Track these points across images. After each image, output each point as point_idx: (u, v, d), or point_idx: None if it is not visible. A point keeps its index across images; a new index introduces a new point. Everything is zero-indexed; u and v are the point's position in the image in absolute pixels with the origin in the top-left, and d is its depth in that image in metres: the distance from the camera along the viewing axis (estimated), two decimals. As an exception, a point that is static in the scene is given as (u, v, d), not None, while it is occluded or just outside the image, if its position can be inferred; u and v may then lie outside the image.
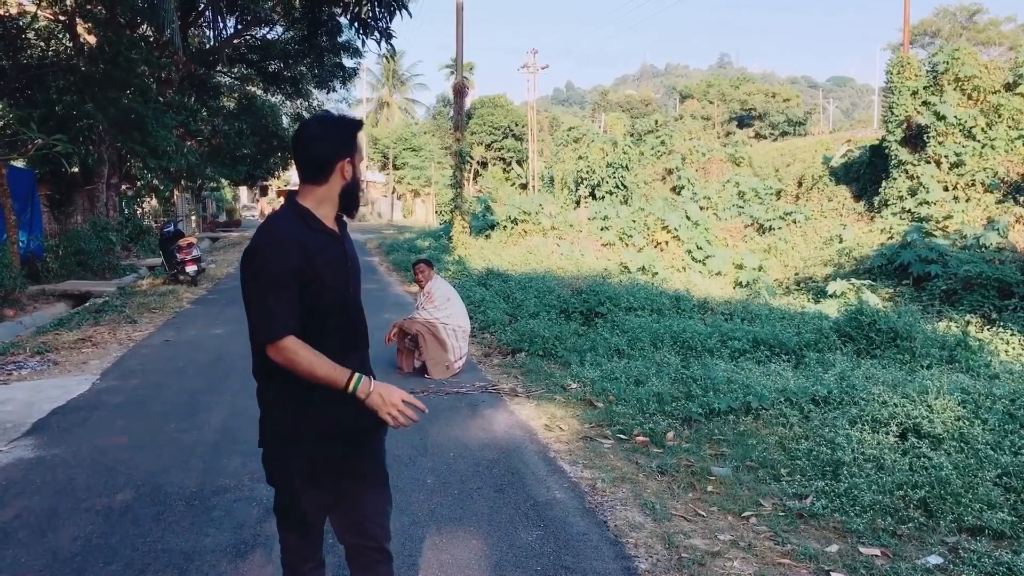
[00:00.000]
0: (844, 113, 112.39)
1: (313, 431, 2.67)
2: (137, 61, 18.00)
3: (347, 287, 2.74)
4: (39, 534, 4.43)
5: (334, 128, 2.68)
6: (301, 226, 2.63)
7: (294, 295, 2.55)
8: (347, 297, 2.75)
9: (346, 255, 2.77)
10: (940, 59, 23.93)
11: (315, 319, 2.63)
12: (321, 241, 2.64)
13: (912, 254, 18.09)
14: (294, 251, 2.55)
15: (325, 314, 2.65)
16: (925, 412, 5.88)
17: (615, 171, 32.13)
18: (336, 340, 2.70)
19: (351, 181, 2.71)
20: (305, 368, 2.53)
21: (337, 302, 2.70)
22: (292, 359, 2.53)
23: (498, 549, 4.26)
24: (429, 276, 9.24)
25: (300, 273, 2.55)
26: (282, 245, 2.56)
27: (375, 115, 79.78)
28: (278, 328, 2.52)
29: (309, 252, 2.57)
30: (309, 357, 2.54)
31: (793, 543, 4.28)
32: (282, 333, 2.53)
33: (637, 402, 7.02)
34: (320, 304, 2.63)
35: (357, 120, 2.72)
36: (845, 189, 27.59)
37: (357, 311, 2.85)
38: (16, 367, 9.16)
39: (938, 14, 69.15)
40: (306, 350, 2.54)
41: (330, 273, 2.65)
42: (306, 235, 2.60)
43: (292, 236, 2.59)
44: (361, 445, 2.82)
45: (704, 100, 74.50)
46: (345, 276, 2.74)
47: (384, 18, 20.82)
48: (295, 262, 2.55)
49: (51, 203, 21.49)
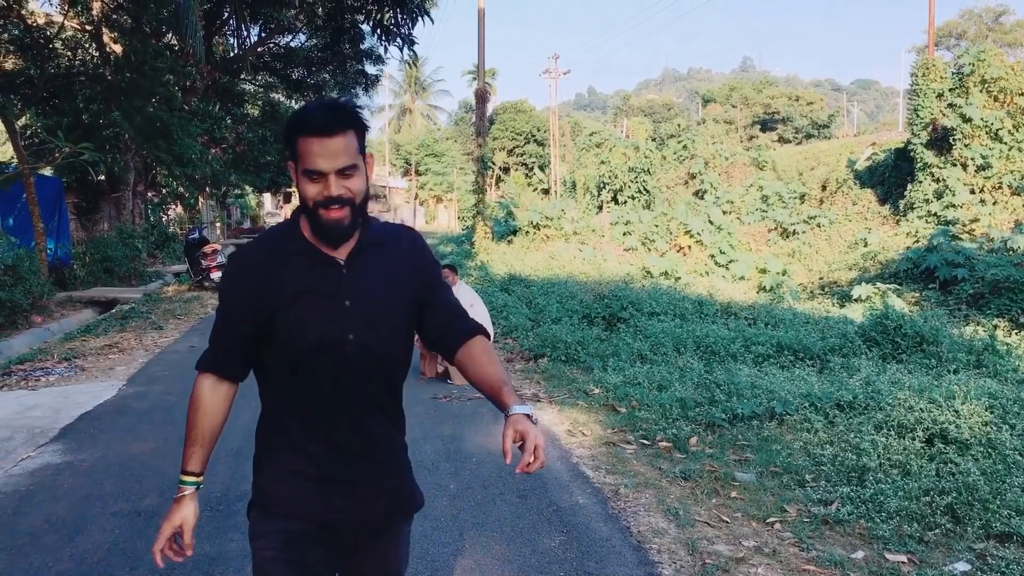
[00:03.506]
0: (869, 116, 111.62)
1: (297, 506, 2.10)
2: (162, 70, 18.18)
3: (340, 336, 2.03)
4: (66, 538, 4.48)
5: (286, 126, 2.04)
6: (277, 243, 2.10)
7: (237, 329, 2.08)
8: (342, 351, 2.03)
9: (343, 291, 2.05)
10: (966, 61, 23.67)
11: (293, 375, 2.07)
12: (297, 265, 2.04)
13: (938, 258, 17.89)
14: (248, 275, 2.06)
15: (305, 370, 2.05)
16: (952, 417, 5.81)
17: (637, 176, 32.06)
18: (321, 415, 2.08)
19: (302, 195, 2.00)
20: (187, 420, 2.13)
21: (323, 355, 2.03)
22: (189, 402, 2.13)
23: (520, 555, 4.26)
24: (453, 282, 9.26)
25: (254, 305, 2.04)
26: (237, 265, 2.12)
27: (397, 121, 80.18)
28: (202, 359, 2.15)
29: (272, 278, 2.03)
30: (195, 414, 2.11)
31: (818, 549, 4.24)
32: (200, 366, 2.15)
33: (660, 407, 7.00)
34: (293, 355, 2.03)
35: (298, 120, 1.96)
36: (870, 192, 27.34)
37: (362, 379, 2.08)
38: (44, 373, 9.27)
39: (964, 16, 68.50)
40: (203, 402, 2.11)
41: (308, 311, 2.02)
42: (276, 256, 2.06)
43: (253, 255, 2.11)
44: (366, 539, 2.22)
45: (727, 104, 74.14)
46: (339, 320, 2.03)
47: (406, 25, 20.96)
48: (246, 289, 2.05)
49: (78, 211, 21.82)
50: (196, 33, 16.63)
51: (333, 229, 2.00)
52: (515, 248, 25.97)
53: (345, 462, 2.10)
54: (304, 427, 2.09)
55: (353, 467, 2.11)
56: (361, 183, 2.00)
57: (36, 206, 14.47)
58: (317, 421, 2.08)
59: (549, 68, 49.03)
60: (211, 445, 2.15)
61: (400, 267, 2.18)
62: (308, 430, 2.09)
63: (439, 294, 2.27)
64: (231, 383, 2.16)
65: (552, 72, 48.95)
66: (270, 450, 2.15)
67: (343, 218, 1.98)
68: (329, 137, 1.92)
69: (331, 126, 1.92)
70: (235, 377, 2.16)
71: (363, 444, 2.12)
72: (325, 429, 2.08)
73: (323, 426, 2.08)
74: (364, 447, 2.13)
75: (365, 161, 2.04)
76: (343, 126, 1.94)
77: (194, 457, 2.12)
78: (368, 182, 2.07)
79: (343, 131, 1.94)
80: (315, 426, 2.08)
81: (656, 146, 36.65)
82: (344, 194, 1.95)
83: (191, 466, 2.12)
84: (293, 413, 2.10)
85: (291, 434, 2.10)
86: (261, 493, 2.13)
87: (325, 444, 2.09)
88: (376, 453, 2.15)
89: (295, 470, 2.09)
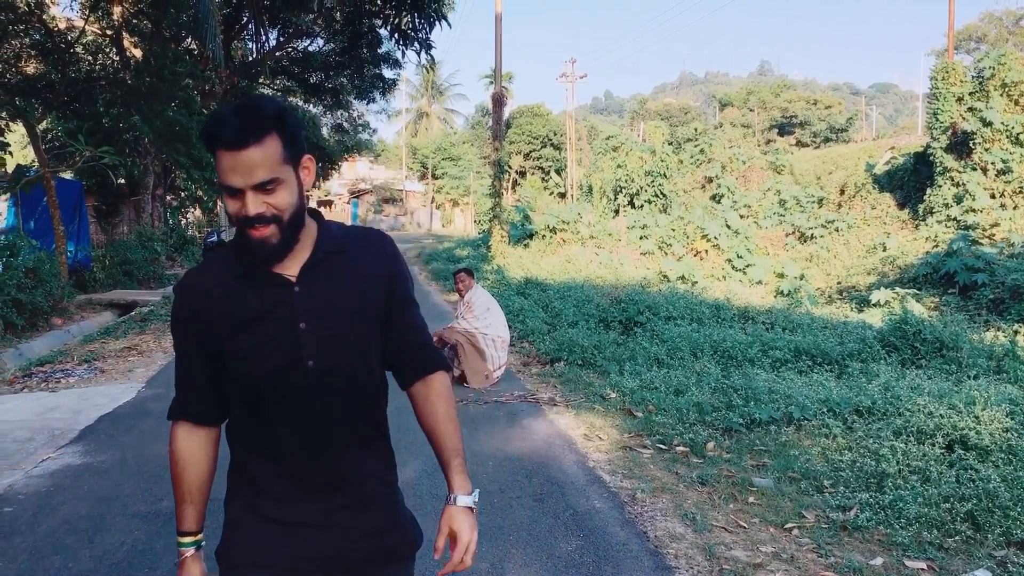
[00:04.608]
0: (887, 120, 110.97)
1: (263, 554, 1.86)
2: (182, 74, 18.32)
3: (298, 364, 1.78)
4: (86, 539, 4.51)
5: None
6: (221, 265, 1.85)
7: (196, 366, 1.86)
8: (301, 381, 1.79)
9: (297, 312, 1.79)
10: (986, 64, 23.51)
11: (251, 410, 1.84)
12: (243, 289, 1.80)
13: (958, 262, 17.76)
14: (193, 303, 1.84)
15: (263, 405, 1.82)
16: (972, 423, 5.76)
17: (654, 179, 32.03)
18: (286, 452, 1.84)
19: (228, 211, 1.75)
20: (171, 477, 1.90)
21: (280, 386, 1.79)
22: (169, 456, 1.90)
23: (537, 559, 4.25)
24: (469, 286, 9.28)
25: (205, 335, 1.82)
26: (182, 293, 1.87)
27: (414, 125, 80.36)
28: (172, 406, 1.92)
29: (219, 304, 1.80)
30: (176, 469, 1.88)
31: (837, 556, 4.22)
32: (170, 414, 1.92)
33: (677, 412, 6.98)
34: (247, 388, 1.82)
35: (207, 130, 1.68)
36: (889, 197, 27.20)
37: (328, 409, 1.83)
38: (64, 375, 9.34)
39: (984, 19, 67.96)
40: (180, 455, 1.88)
41: (258, 339, 1.78)
42: (221, 279, 1.82)
43: (197, 281, 1.86)
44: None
45: (744, 108, 73.93)
46: (295, 345, 1.78)
47: (424, 29, 20.99)
48: (195, 319, 1.83)
49: (98, 214, 21.99)
50: (215, 37, 16.75)
51: (258, 249, 1.74)
52: (531, 252, 25.97)
53: (317, 504, 1.85)
54: (269, 466, 1.85)
55: (326, 510, 1.85)
56: (288, 196, 1.72)
57: (57, 209, 14.60)
58: (283, 459, 1.84)
59: (566, 72, 49.13)
60: (203, 498, 1.92)
61: (367, 277, 1.89)
62: (274, 470, 1.85)
63: (407, 312, 1.98)
64: (209, 427, 1.92)
65: (569, 76, 49.01)
66: (234, 492, 1.92)
67: (268, 236, 1.72)
68: (240, 150, 1.65)
69: (242, 137, 1.64)
70: (210, 420, 1.91)
71: (337, 483, 1.86)
72: (292, 468, 1.84)
73: (290, 465, 1.84)
74: (339, 486, 1.86)
75: (299, 166, 1.77)
76: (258, 134, 1.66)
77: (187, 516, 1.90)
78: (303, 189, 1.78)
79: (258, 141, 1.66)
80: (281, 465, 1.84)
81: (673, 150, 36.61)
82: (265, 211, 1.69)
83: (186, 525, 1.90)
84: (257, 451, 1.86)
85: (255, 474, 1.86)
86: (224, 541, 1.90)
87: (294, 485, 1.84)
88: (353, 493, 1.88)
89: (260, 514, 1.85)
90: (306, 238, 1.82)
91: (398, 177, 72.35)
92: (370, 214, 67.80)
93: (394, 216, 68.66)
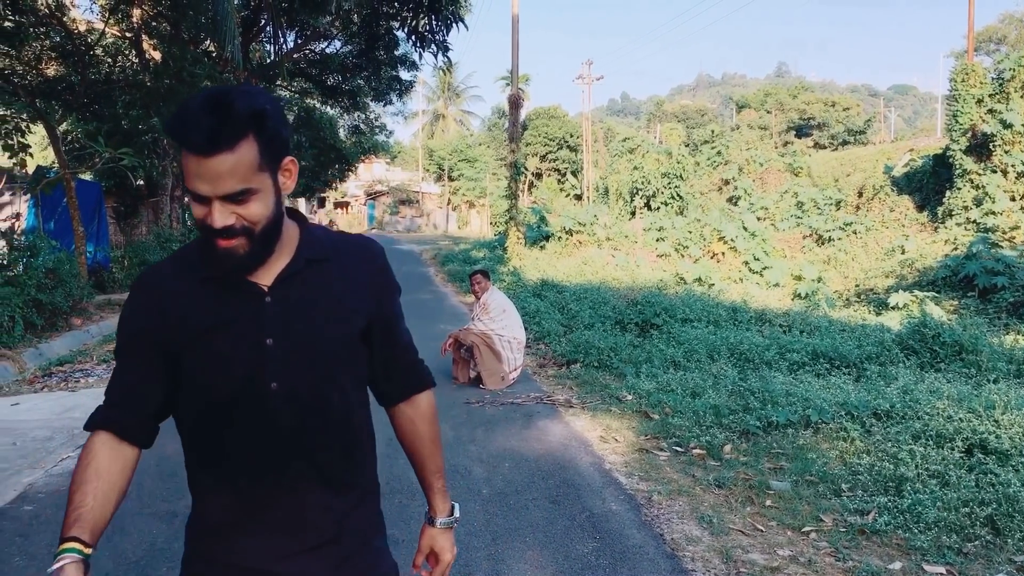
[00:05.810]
0: (906, 122, 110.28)
1: (208, 564, 1.66)
2: (201, 76, 18.39)
3: (260, 384, 1.58)
4: (105, 538, 4.49)
5: None
6: (187, 263, 1.64)
7: (139, 372, 1.65)
8: (262, 404, 1.58)
9: (265, 326, 1.59)
10: (1006, 66, 23.33)
11: (208, 436, 1.64)
12: (208, 293, 1.60)
13: (978, 265, 17.63)
14: (152, 301, 1.62)
15: (220, 430, 1.61)
16: (992, 427, 5.72)
17: (670, 181, 31.96)
18: (246, 487, 1.61)
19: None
20: (71, 485, 1.59)
21: (239, 409, 1.59)
22: (77, 462, 1.61)
23: (553, 560, 4.25)
24: (485, 287, 9.28)
25: (159, 340, 1.61)
26: (140, 289, 1.67)
27: (431, 127, 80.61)
28: (94, 416, 1.66)
29: (180, 307, 1.60)
30: (87, 475, 1.57)
31: (855, 560, 4.20)
32: (90, 424, 1.65)
33: (693, 414, 6.96)
34: (202, 409, 1.62)
35: (171, 126, 1.45)
36: (907, 199, 27.03)
37: (295, 439, 1.61)
38: (83, 374, 9.41)
39: (1003, 20, 67.50)
40: (103, 462, 1.59)
41: (218, 352, 1.58)
42: (185, 279, 1.62)
43: (160, 277, 1.65)
44: None
45: (761, 110, 73.66)
46: (258, 363, 1.58)
47: (441, 31, 21.06)
48: (150, 320, 1.62)
49: (117, 215, 22.14)
50: (234, 40, 16.84)
51: (223, 259, 1.53)
52: (548, 254, 25.99)
53: (283, 548, 1.62)
54: (230, 502, 1.63)
55: (293, 555, 1.62)
56: (262, 208, 1.50)
57: (76, 210, 14.70)
58: (243, 495, 1.61)
59: (582, 74, 49.13)
60: (105, 513, 1.57)
61: (351, 290, 1.69)
62: (236, 507, 1.62)
63: (394, 329, 1.81)
64: (132, 446, 1.64)
65: (585, 78, 49.00)
66: (191, 531, 1.71)
67: (235, 247, 1.52)
68: (207, 157, 1.42)
69: (211, 144, 1.41)
70: (137, 438, 1.65)
71: (305, 524, 1.63)
72: (253, 507, 1.61)
73: (251, 502, 1.61)
74: (308, 527, 1.63)
75: (277, 171, 1.54)
76: (231, 140, 1.43)
77: (69, 518, 1.53)
78: (281, 197, 1.56)
79: (230, 147, 1.43)
80: (242, 501, 1.62)
81: (690, 152, 36.56)
82: (234, 223, 1.48)
83: (73, 530, 1.51)
84: (215, 485, 1.64)
85: (211, 511, 1.65)
86: (189, 542, 1.71)
87: (256, 525, 1.62)
88: (326, 535, 1.65)
89: (217, 559, 1.64)
90: (286, 244, 1.62)
91: (414, 179, 72.49)
92: (386, 216, 68.05)
93: (410, 218, 68.83)
